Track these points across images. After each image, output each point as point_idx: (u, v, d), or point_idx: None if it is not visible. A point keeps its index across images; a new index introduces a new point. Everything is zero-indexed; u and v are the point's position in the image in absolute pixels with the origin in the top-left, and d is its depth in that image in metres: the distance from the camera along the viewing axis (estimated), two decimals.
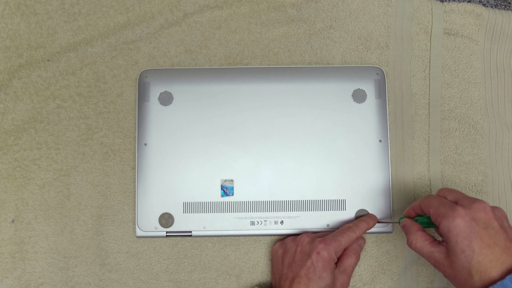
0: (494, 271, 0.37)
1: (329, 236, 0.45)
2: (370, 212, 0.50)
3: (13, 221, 0.50)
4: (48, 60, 0.52)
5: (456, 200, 0.41)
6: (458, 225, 0.39)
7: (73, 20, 0.52)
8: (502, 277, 0.37)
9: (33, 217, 0.50)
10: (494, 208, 0.40)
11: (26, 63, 0.52)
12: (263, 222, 0.49)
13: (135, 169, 0.50)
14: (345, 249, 0.46)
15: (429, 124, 0.52)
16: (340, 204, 0.50)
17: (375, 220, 0.48)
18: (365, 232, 0.47)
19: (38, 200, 0.50)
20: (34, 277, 0.49)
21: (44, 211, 0.50)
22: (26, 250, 0.49)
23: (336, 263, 0.45)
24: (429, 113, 0.52)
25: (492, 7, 0.56)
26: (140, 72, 0.51)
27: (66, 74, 0.52)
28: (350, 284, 0.50)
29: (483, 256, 0.38)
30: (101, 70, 0.52)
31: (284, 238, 0.49)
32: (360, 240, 0.48)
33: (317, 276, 0.43)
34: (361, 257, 0.50)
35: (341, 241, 0.45)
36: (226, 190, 0.49)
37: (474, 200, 0.40)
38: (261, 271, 0.50)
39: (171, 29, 0.52)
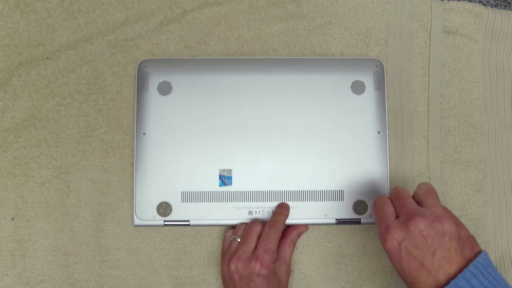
0: None
1: (259, 249, 0.45)
2: (367, 203, 0.50)
3: (13, 219, 0.50)
4: (47, 58, 0.52)
5: (396, 209, 0.42)
6: (389, 249, 0.39)
7: (72, 18, 0.52)
8: None
9: (33, 214, 0.50)
10: (433, 222, 0.39)
11: (26, 61, 0.52)
12: (261, 211, 0.49)
13: (133, 163, 0.50)
14: (281, 239, 0.47)
15: (428, 122, 0.52)
16: (338, 195, 0.50)
17: (287, 208, 0.49)
18: (284, 222, 0.48)
19: (38, 198, 0.50)
20: (34, 275, 0.49)
21: (44, 208, 0.50)
22: (26, 248, 0.49)
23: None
24: (428, 111, 0.52)
25: (491, 6, 0.56)
26: (139, 62, 0.51)
27: (65, 72, 0.52)
28: (351, 280, 0.50)
29: (412, 278, 0.38)
30: (100, 67, 0.52)
31: (222, 260, 0.47)
32: (300, 228, 0.49)
33: None
34: (360, 253, 0.50)
35: (272, 247, 0.45)
36: (225, 180, 0.49)
37: (410, 217, 0.39)
38: None
39: (170, 26, 0.52)
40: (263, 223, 0.48)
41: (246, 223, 0.49)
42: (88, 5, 0.52)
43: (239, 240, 0.47)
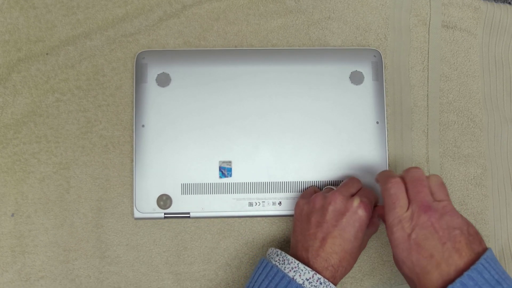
0: (432, 283, 0.37)
1: (363, 195, 0.44)
2: None
3: (13, 215, 0.50)
4: (47, 54, 0.52)
5: (410, 194, 0.40)
6: (397, 239, 0.39)
7: (72, 14, 0.52)
8: None
9: (33, 210, 0.50)
10: (444, 216, 0.39)
11: (25, 57, 0.52)
12: (261, 203, 0.49)
13: (133, 157, 0.50)
14: (371, 217, 0.45)
15: (427, 116, 0.52)
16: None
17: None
18: None
19: (38, 194, 0.50)
20: (34, 271, 0.49)
21: (43, 204, 0.50)
22: (26, 244, 0.49)
23: None
24: (427, 105, 0.53)
25: (490, 0, 0.56)
26: (137, 54, 0.51)
27: (65, 68, 0.52)
28: (351, 275, 0.50)
29: (420, 268, 0.38)
30: (100, 63, 0.52)
31: (309, 195, 0.46)
32: (380, 211, 0.46)
33: (352, 236, 0.41)
34: None
35: (372, 202, 0.44)
36: (224, 172, 0.49)
37: (423, 210, 0.39)
38: None
39: (169, 21, 0.52)
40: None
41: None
42: (88, 0, 0.52)
43: (335, 188, 0.45)
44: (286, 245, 0.50)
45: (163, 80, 0.50)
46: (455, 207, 0.50)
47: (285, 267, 0.40)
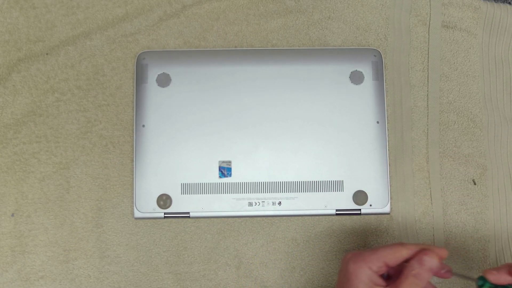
0: None
1: None
2: (367, 193, 0.50)
3: (12, 215, 0.50)
4: (47, 54, 0.52)
5: None
6: None
7: (72, 14, 0.52)
8: None
9: (32, 210, 0.50)
10: None
11: (25, 57, 0.52)
12: (261, 203, 0.49)
13: (133, 157, 0.50)
14: None
15: (428, 116, 0.52)
16: (337, 185, 0.50)
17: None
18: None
19: (38, 194, 0.50)
20: (34, 271, 0.49)
21: (43, 204, 0.50)
22: (26, 244, 0.49)
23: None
24: (427, 105, 0.53)
25: (490, 0, 0.56)
26: (138, 54, 0.51)
27: (65, 68, 0.52)
28: None
29: None
30: (100, 63, 0.52)
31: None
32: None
33: None
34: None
35: None
36: (224, 171, 0.49)
37: None
38: (260, 261, 0.50)
39: (169, 21, 0.52)
40: None
41: None
42: (88, 0, 0.53)
43: None
44: (287, 245, 0.50)
45: (163, 81, 0.50)
46: (454, 207, 0.51)
47: None
